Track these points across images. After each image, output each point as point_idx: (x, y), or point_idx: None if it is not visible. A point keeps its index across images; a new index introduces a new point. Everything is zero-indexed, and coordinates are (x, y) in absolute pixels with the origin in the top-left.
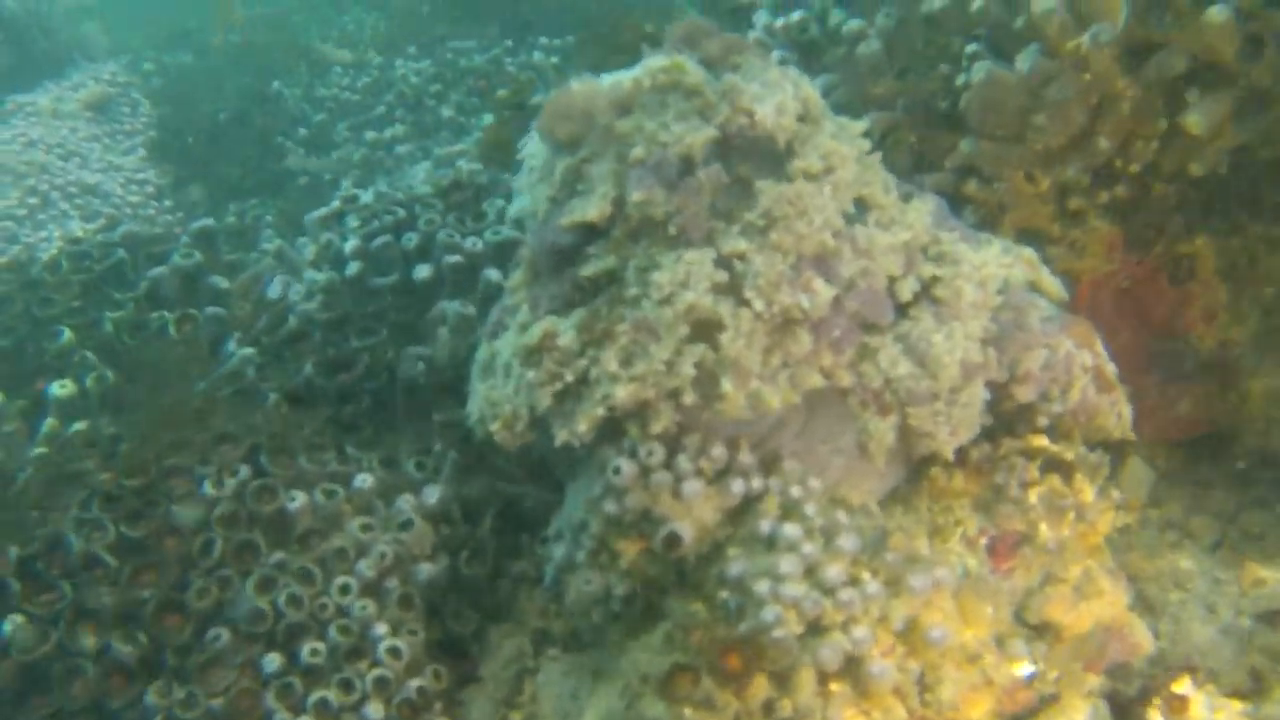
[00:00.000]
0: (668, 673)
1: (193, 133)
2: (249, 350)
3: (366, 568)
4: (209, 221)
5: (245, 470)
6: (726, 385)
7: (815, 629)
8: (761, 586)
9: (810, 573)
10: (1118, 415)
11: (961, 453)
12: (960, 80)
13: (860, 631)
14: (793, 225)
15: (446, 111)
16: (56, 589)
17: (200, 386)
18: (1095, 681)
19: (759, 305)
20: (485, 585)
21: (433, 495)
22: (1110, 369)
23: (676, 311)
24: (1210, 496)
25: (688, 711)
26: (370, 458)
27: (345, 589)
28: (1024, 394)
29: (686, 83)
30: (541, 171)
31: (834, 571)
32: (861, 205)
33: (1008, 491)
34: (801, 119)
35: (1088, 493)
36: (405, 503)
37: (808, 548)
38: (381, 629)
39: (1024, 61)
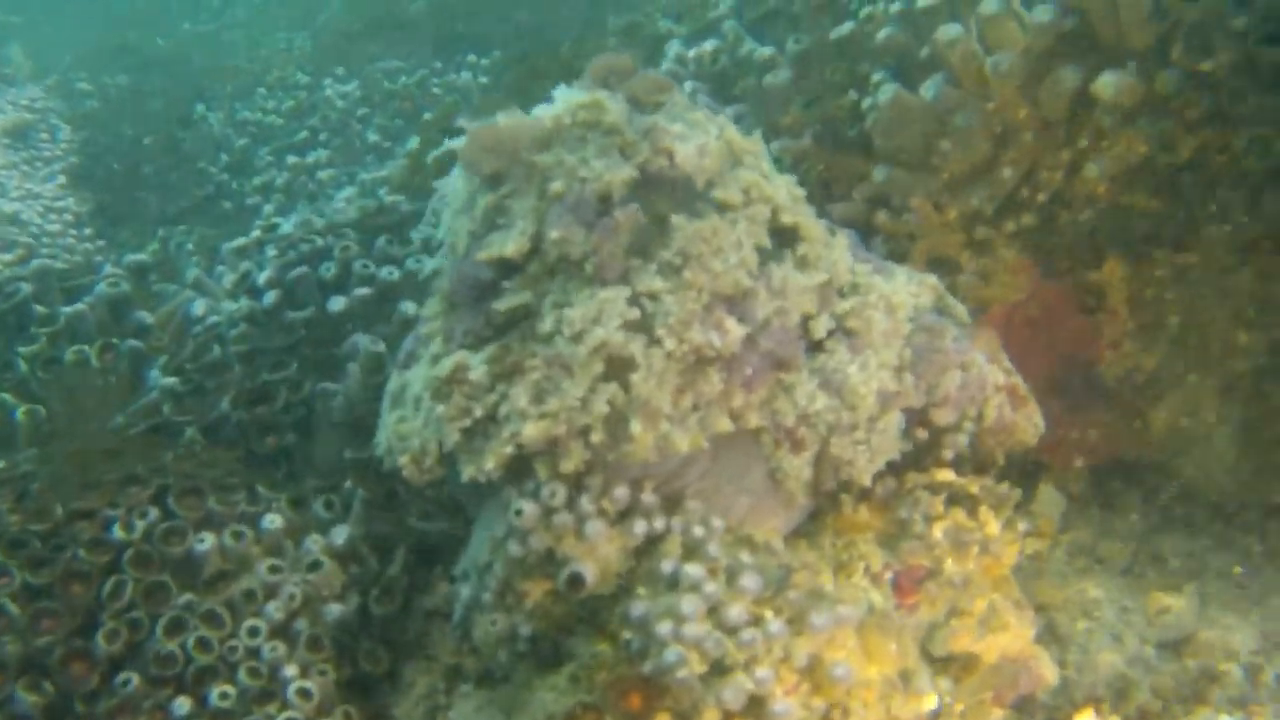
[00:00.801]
0: (569, 712)
1: (116, 158)
2: (170, 380)
3: (275, 609)
4: (142, 257)
5: (154, 512)
6: (636, 427)
7: (718, 669)
8: (664, 627)
9: (713, 613)
10: (1034, 426)
11: (867, 487)
12: (866, 103)
13: (763, 671)
14: (707, 263)
15: (372, 135)
16: None
17: (117, 421)
18: (1001, 715)
19: (670, 344)
20: (396, 623)
21: (340, 535)
22: (1020, 383)
23: (589, 348)
24: (1119, 521)
25: None
26: (279, 498)
27: (254, 631)
28: (943, 417)
29: (606, 121)
30: (463, 204)
31: (736, 611)
32: (793, 236)
33: (912, 526)
34: (725, 161)
35: (992, 526)
36: (313, 543)
37: (710, 588)
38: (291, 670)
39: (929, 89)
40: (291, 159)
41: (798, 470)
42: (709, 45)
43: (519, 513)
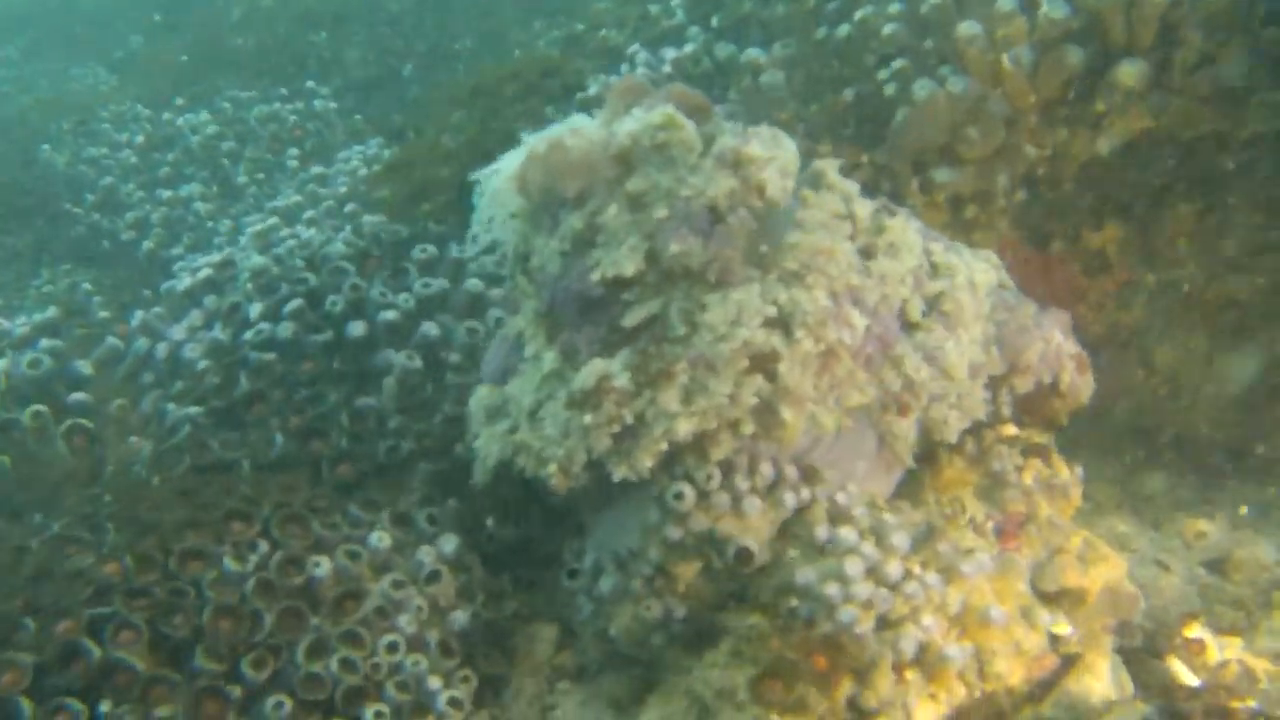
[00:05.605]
0: (755, 680)
1: None
2: (193, 409)
3: (407, 624)
4: (51, 314)
5: (263, 544)
6: (786, 413)
7: (885, 623)
8: (832, 590)
9: (873, 572)
10: (1090, 388)
11: (956, 446)
12: (889, 91)
13: (929, 620)
14: (825, 268)
15: (242, 168)
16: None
17: (144, 453)
18: (1109, 639)
19: (809, 344)
20: (497, 627)
21: (450, 544)
22: (1083, 353)
23: (733, 347)
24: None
25: (775, 717)
26: (378, 516)
27: (393, 647)
28: (1023, 384)
29: (684, 137)
30: (531, 224)
31: (894, 568)
32: (879, 225)
33: (1006, 477)
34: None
35: (1064, 470)
36: (425, 555)
37: (867, 549)
38: (435, 682)
39: (957, 84)
40: (166, 193)
41: (905, 432)
42: (687, 49)
43: (679, 496)
